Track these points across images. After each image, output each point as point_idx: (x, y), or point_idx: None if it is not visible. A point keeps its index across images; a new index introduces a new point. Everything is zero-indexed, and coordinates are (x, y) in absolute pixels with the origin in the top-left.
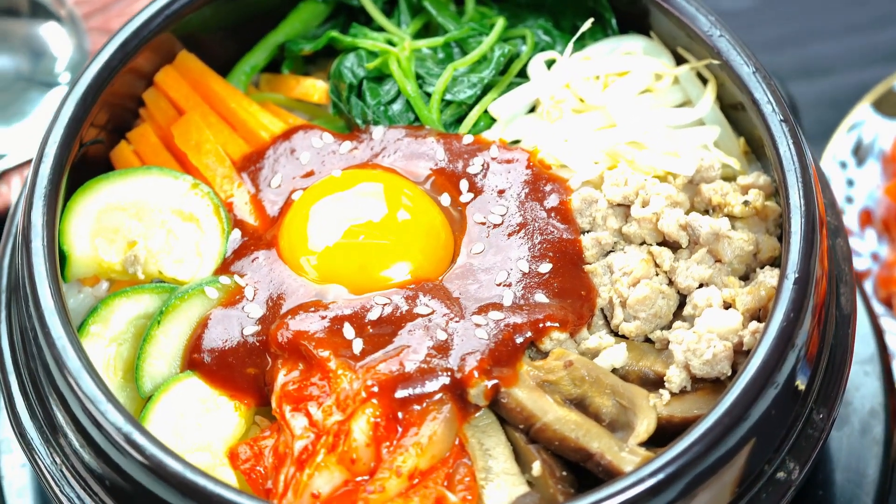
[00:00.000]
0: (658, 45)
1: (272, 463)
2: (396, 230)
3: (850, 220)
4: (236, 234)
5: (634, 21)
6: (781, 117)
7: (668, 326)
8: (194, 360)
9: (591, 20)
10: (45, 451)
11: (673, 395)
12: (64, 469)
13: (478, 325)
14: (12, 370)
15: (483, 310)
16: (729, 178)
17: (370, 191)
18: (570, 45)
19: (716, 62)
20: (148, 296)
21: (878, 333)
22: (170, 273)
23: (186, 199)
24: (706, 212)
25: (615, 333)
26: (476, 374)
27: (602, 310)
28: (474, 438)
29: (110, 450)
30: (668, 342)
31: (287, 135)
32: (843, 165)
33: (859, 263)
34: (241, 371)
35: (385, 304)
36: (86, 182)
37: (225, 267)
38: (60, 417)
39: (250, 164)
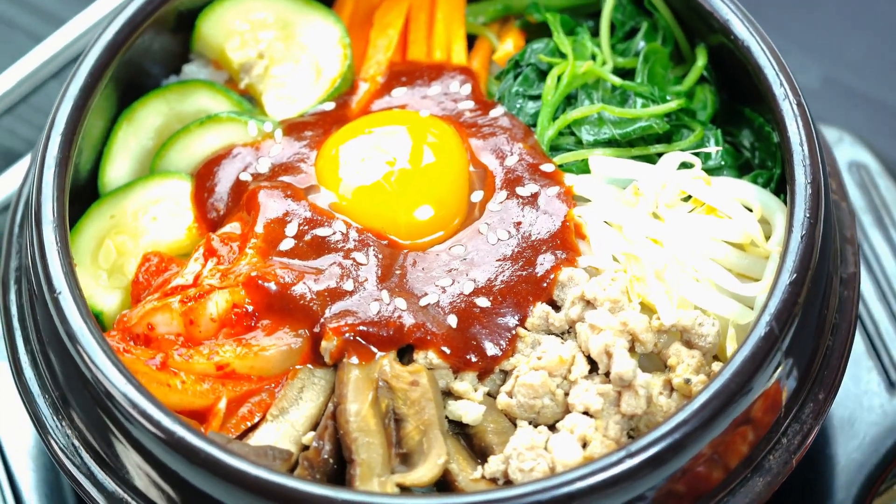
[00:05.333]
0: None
1: (158, 284)
2: (407, 188)
3: None
4: (330, 105)
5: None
6: (765, 330)
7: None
8: (200, 171)
9: (718, 149)
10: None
11: (484, 477)
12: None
13: (378, 300)
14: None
15: (399, 294)
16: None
17: (421, 144)
18: (697, 158)
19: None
20: (227, 101)
21: None
22: (265, 99)
23: (330, 56)
24: (666, 364)
25: (494, 395)
26: (342, 332)
27: (506, 372)
28: (300, 382)
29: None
30: None
31: (447, 68)
32: None
33: None
34: (216, 203)
35: (339, 231)
36: None
37: (291, 122)
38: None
39: (403, 68)
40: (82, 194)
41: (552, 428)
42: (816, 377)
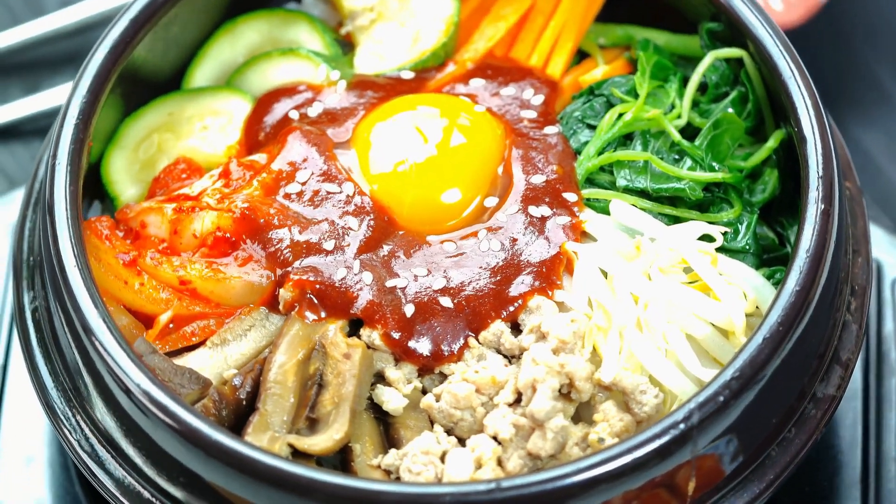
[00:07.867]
0: None
1: (172, 188)
2: (424, 176)
3: None
4: (409, 74)
5: None
6: (682, 415)
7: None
8: (261, 98)
9: (727, 230)
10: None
11: (380, 467)
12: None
13: (348, 268)
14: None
15: (371, 269)
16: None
17: (455, 135)
18: (721, 234)
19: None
20: (321, 41)
21: None
22: (358, 50)
23: (432, 29)
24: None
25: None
26: (300, 286)
27: (445, 376)
28: (251, 320)
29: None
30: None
31: (533, 74)
32: None
33: None
34: (259, 131)
35: (346, 193)
36: None
37: (362, 78)
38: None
39: (495, 62)
40: (161, 90)
41: (463, 443)
42: (740, 483)
